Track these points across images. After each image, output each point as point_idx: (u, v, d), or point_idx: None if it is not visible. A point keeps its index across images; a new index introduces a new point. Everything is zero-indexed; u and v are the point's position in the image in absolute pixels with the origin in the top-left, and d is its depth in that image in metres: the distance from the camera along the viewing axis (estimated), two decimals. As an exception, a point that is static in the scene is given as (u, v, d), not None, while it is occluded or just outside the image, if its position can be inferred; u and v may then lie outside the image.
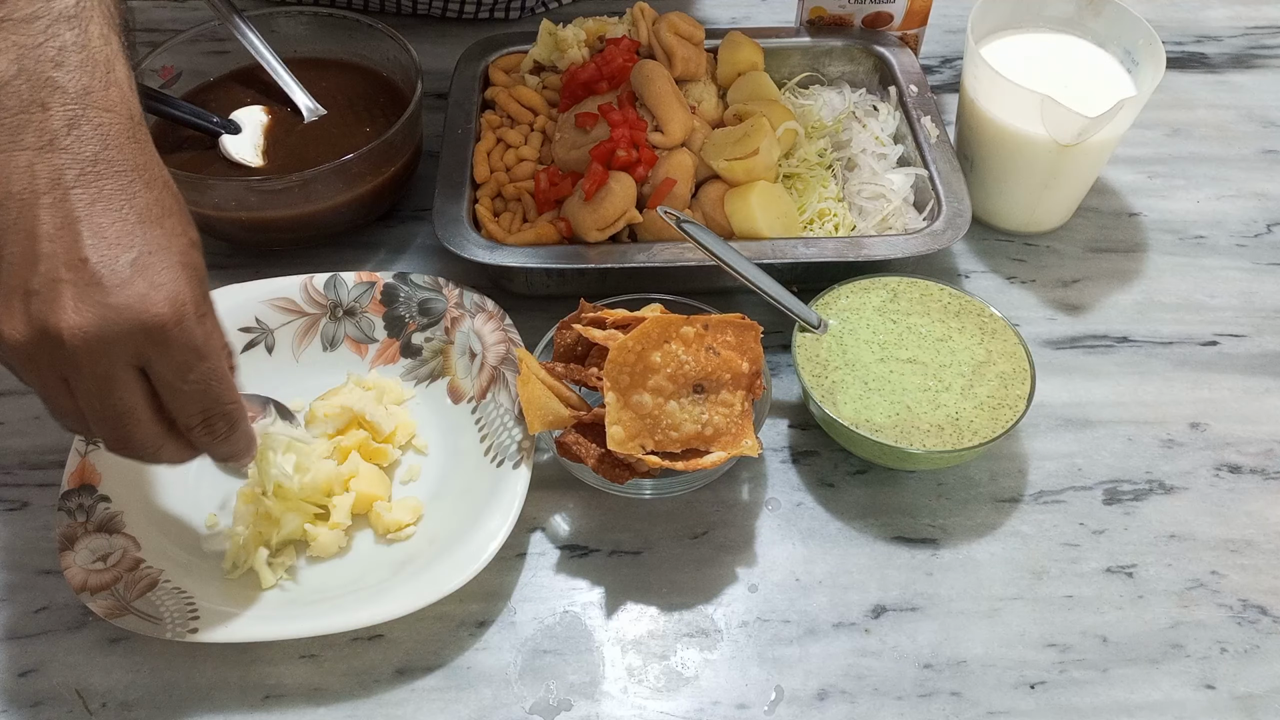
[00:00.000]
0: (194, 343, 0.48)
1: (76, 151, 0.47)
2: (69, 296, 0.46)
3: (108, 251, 0.46)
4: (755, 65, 0.85)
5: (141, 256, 0.47)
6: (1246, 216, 0.87)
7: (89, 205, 0.47)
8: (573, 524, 0.67)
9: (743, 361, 0.61)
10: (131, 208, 0.48)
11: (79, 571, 0.59)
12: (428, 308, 0.73)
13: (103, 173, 0.47)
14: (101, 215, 0.47)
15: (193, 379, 0.49)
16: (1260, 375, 0.75)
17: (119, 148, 0.48)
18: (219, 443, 0.52)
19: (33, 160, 0.46)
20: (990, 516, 0.68)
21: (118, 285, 0.46)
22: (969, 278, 0.82)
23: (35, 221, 0.46)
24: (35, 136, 0.47)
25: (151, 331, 0.47)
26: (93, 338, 0.46)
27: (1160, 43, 0.76)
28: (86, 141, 0.47)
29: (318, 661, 0.61)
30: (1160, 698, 0.60)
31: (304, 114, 0.83)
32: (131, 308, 0.46)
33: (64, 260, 0.46)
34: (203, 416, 0.50)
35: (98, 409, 0.48)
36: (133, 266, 0.46)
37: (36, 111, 0.47)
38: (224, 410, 0.51)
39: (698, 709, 0.59)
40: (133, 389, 0.48)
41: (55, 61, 0.48)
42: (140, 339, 0.47)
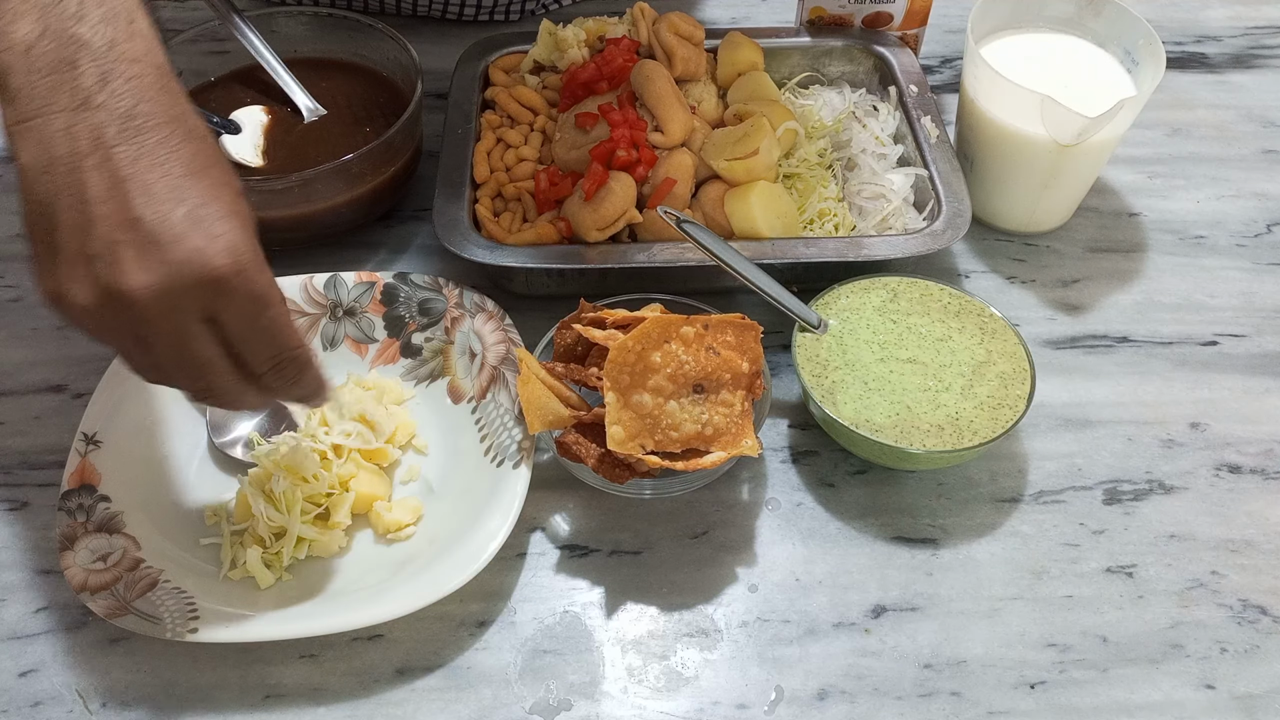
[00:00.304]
0: (256, 290, 0.48)
1: (112, 108, 0.46)
2: (130, 257, 0.45)
3: (160, 208, 0.46)
4: (755, 65, 0.85)
5: (193, 210, 0.46)
6: (1246, 216, 0.87)
7: (133, 163, 0.46)
8: (573, 524, 0.67)
9: (743, 361, 0.61)
10: (176, 160, 0.47)
11: (79, 571, 0.59)
12: (428, 308, 0.73)
13: (142, 127, 0.47)
14: (147, 172, 0.46)
15: (260, 326, 0.49)
16: (1260, 375, 0.76)
17: (153, 100, 0.47)
18: (290, 385, 0.52)
19: (70, 121, 0.46)
20: (990, 516, 0.68)
21: (175, 241, 0.46)
22: (969, 278, 0.82)
23: (83, 185, 0.45)
24: (69, 97, 0.46)
25: (215, 284, 0.46)
26: (160, 295, 0.46)
27: (1160, 43, 0.76)
28: (121, 96, 0.46)
29: (318, 661, 0.61)
30: (1160, 698, 0.60)
31: (304, 114, 0.83)
32: (192, 262, 0.46)
33: (118, 221, 0.45)
34: (273, 362, 0.50)
35: (176, 362, 0.49)
36: (186, 220, 0.46)
37: (66, 70, 0.46)
38: (293, 354, 0.51)
39: (698, 709, 0.59)
40: (206, 341, 0.48)
41: (77, 16, 0.47)
42: (205, 292, 0.47)
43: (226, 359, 0.49)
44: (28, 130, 0.46)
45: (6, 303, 0.79)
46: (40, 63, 0.46)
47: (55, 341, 0.76)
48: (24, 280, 0.80)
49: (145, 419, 0.67)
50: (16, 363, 0.75)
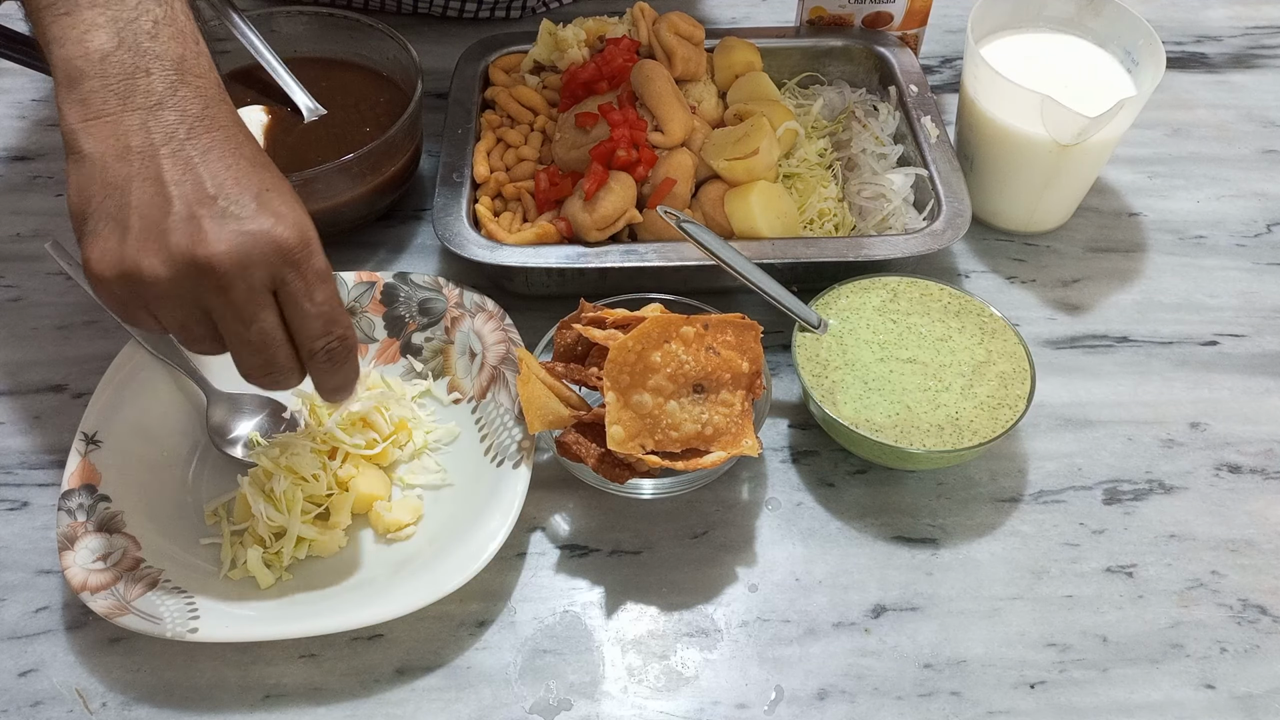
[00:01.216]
0: (319, 266, 0.52)
1: (183, 110, 0.51)
2: (208, 227, 0.49)
3: (232, 189, 0.51)
4: (752, 66, 0.85)
5: (262, 193, 0.51)
6: (1246, 216, 0.87)
7: (204, 155, 0.51)
8: (573, 524, 0.67)
9: (743, 361, 0.61)
10: (241, 155, 0.52)
11: (79, 571, 0.59)
12: (428, 307, 0.73)
13: (210, 127, 0.52)
14: (217, 161, 0.51)
15: (319, 300, 0.53)
16: (1260, 375, 0.76)
17: (218, 106, 0.53)
18: (335, 370, 0.55)
19: (145, 119, 0.50)
20: (990, 516, 0.68)
21: (249, 216, 0.50)
22: (969, 278, 0.82)
23: (160, 169, 0.50)
24: (144, 98, 0.51)
25: (286, 253, 0.51)
26: (239, 258, 0.49)
27: (1160, 43, 0.76)
28: (190, 101, 0.52)
29: (318, 661, 0.61)
30: (1160, 698, 0.60)
31: (304, 114, 0.83)
32: (266, 233, 0.50)
33: (194, 199, 0.50)
34: (325, 339, 0.54)
35: (242, 333, 0.52)
36: (257, 201, 0.51)
37: (141, 77, 0.51)
38: (344, 333, 0.54)
39: (698, 709, 0.59)
40: (272, 311, 0.52)
41: (151, 34, 0.52)
42: (277, 261, 0.51)
43: (285, 332, 0.53)
44: (99, 125, 0.50)
45: (6, 303, 0.79)
46: (115, 70, 0.51)
47: (55, 341, 0.76)
48: (24, 280, 0.80)
49: (145, 419, 0.67)
50: (16, 363, 0.75)
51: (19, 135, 0.92)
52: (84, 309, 0.77)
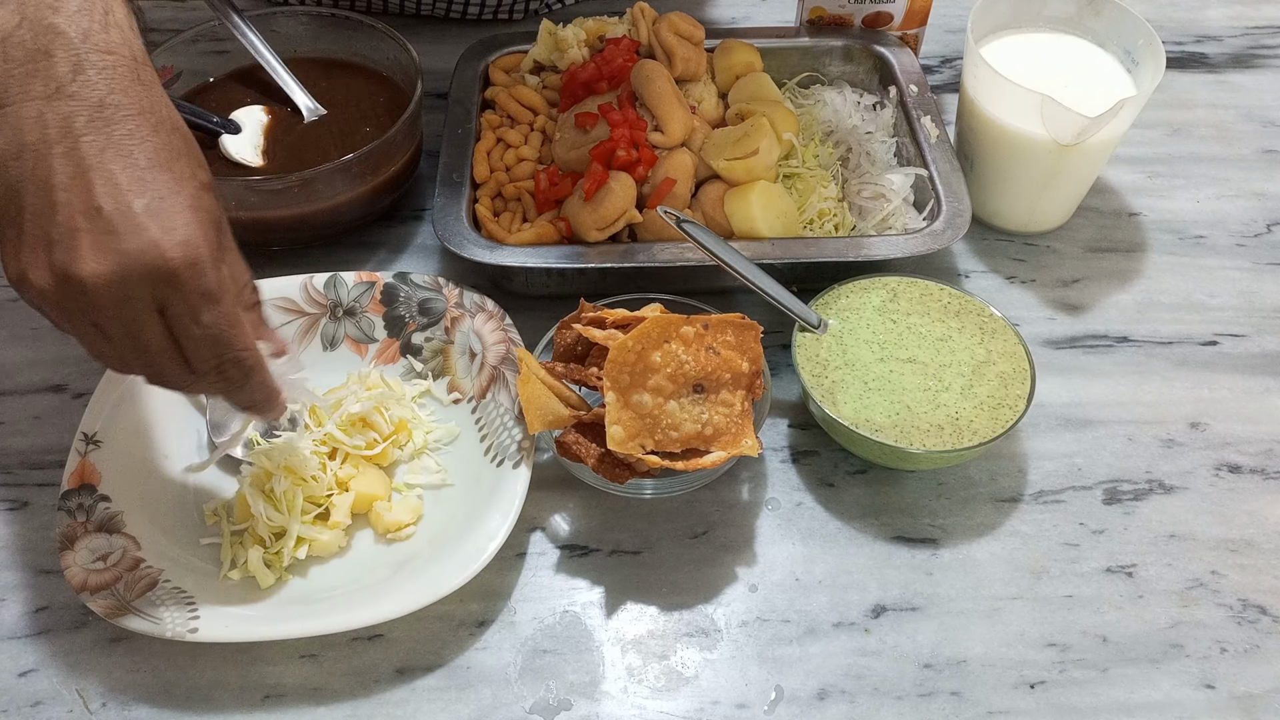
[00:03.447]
0: (206, 287, 0.49)
1: (84, 97, 0.47)
2: (86, 245, 0.46)
3: (120, 199, 0.47)
4: (753, 66, 0.85)
5: (153, 202, 0.48)
6: (1246, 216, 0.87)
7: (99, 153, 0.47)
8: (573, 524, 0.67)
9: (743, 361, 0.61)
10: (141, 152, 0.48)
11: (79, 571, 0.59)
12: (428, 307, 0.73)
13: (110, 117, 0.48)
14: (112, 162, 0.47)
15: (205, 321, 0.49)
16: (1260, 375, 0.76)
17: (124, 90, 0.48)
18: (235, 390, 0.53)
19: (42, 109, 0.47)
20: (990, 516, 0.68)
21: (131, 232, 0.47)
22: (969, 278, 0.82)
23: (50, 171, 0.47)
24: (43, 85, 0.47)
25: (164, 275, 0.47)
26: (112, 283, 0.47)
27: (1160, 43, 0.76)
28: (92, 86, 0.48)
29: (318, 661, 0.61)
30: (1160, 698, 0.60)
31: (304, 114, 0.83)
32: (145, 253, 0.47)
33: (80, 209, 0.47)
34: (215, 362, 0.51)
35: (130, 348, 0.50)
36: (145, 212, 0.47)
37: (42, 60, 0.47)
38: (236, 356, 0.51)
39: (698, 709, 0.59)
40: (156, 330, 0.49)
41: (53, 7, 0.48)
42: (155, 282, 0.48)
43: (175, 349, 0.50)
44: (3, 116, 0.47)
45: (6, 302, 0.79)
46: (16, 52, 0.47)
47: (55, 341, 0.76)
48: (24, 280, 0.80)
49: (145, 419, 0.67)
50: (16, 363, 0.75)
51: (19, 135, 0.92)
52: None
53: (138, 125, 0.48)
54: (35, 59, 0.47)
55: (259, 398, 0.54)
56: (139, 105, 0.49)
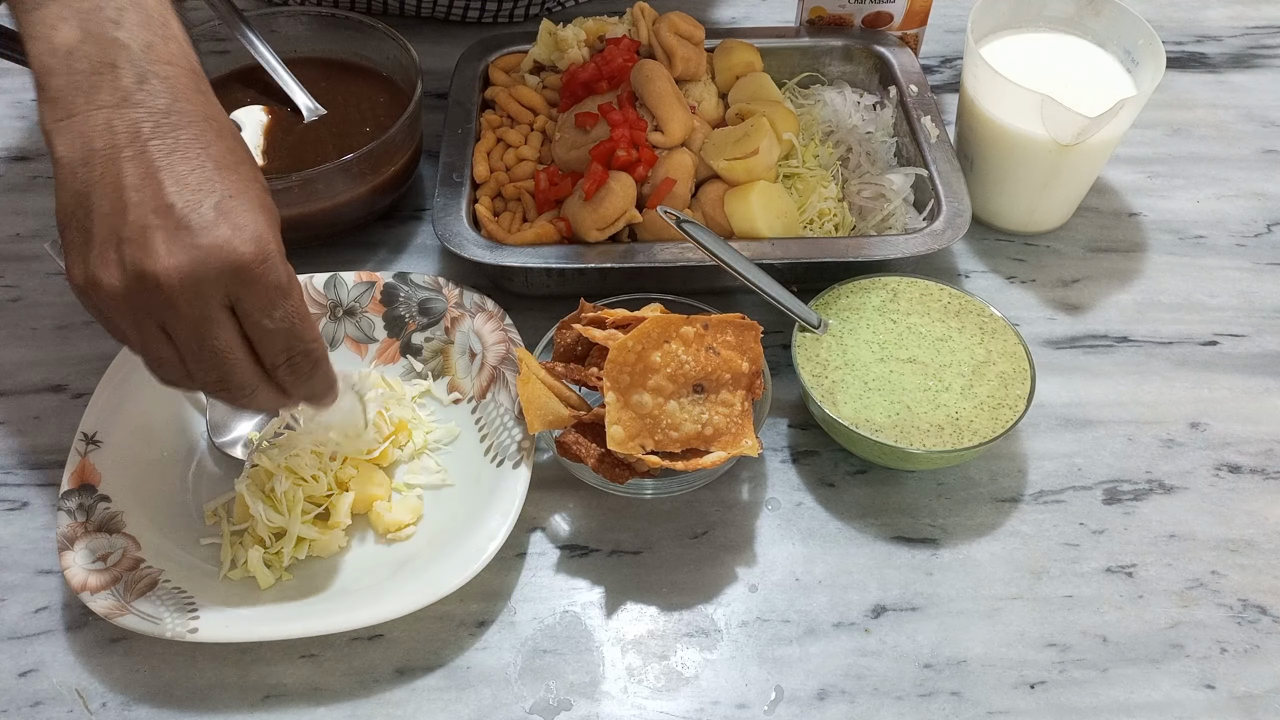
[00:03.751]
0: (278, 281, 0.50)
1: (150, 105, 0.49)
2: (160, 240, 0.47)
3: (191, 197, 0.48)
4: (753, 66, 0.85)
5: (223, 201, 0.49)
6: (1246, 216, 0.87)
7: (167, 155, 0.48)
8: (573, 524, 0.67)
9: (743, 361, 0.61)
10: (208, 155, 0.49)
11: (79, 571, 0.59)
12: (427, 307, 0.73)
13: (176, 123, 0.49)
14: (180, 164, 0.48)
15: (278, 316, 0.50)
16: (1260, 375, 0.76)
17: (188, 99, 0.50)
18: (302, 381, 0.54)
19: (110, 117, 0.48)
20: (990, 516, 0.68)
21: (204, 228, 0.48)
22: (969, 278, 0.82)
23: (119, 174, 0.48)
24: (109, 94, 0.48)
25: (239, 270, 0.48)
26: (187, 277, 0.47)
27: (1160, 43, 0.76)
28: (158, 95, 0.49)
29: (318, 661, 0.61)
30: (1160, 698, 0.60)
31: (304, 114, 0.83)
32: (220, 248, 0.48)
33: (151, 207, 0.47)
34: (287, 354, 0.52)
35: (196, 351, 0.50)
36: (216, 210, 0.48)
37: (107, 71, 0.48)
38: (307, 348, 0.53)
39: (698, 709, 0.59)
40: (227, 328, 0.50)
41: (115, 21, 0.49)
42: (229, 278, 0.48)
43: (244, 349, 0.51)
44: (69, 126, 0.48)
45: (6, 303, 0.79)
46: (81, 65, 0.49)
47: (55, 341, 0.76)
48: (24, 280, 0.80)
49: (145, 419, 0.67)
50: (16, 363, 0.75)
51: (19, 135, 0.92)
52: (84, 309, 0.77)
53: (202, 130, 0.50)
54: (100, 71, 0.49)
55: (320, 388, 0.55)
56: (202, 113, 0.50)
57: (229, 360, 0.50)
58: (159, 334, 0.50)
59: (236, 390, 0.52)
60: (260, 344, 0.51)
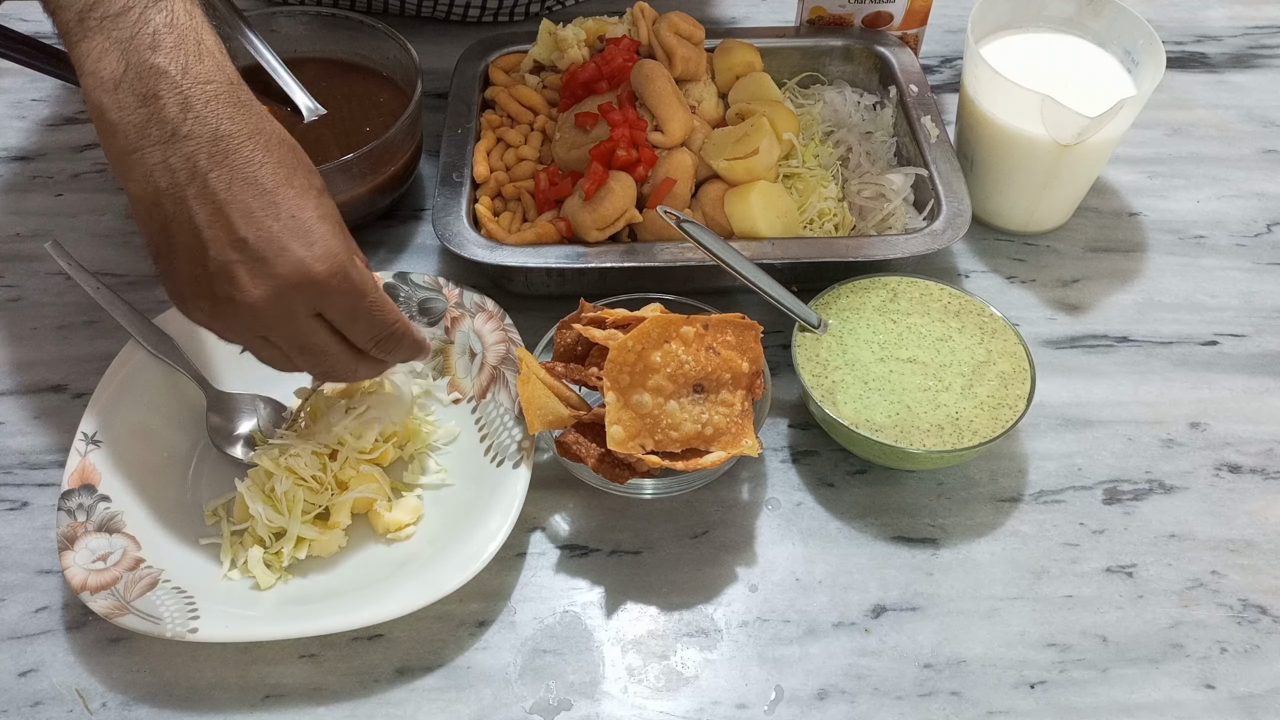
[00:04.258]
0: (352, 287, 0.54)
1: (198, 135, 0.51)
2: (243, 274, 0.51)
3: (260, 227, 0.51)
4: (752, 66, 0.85)
5: (289, 223, 0.52)
6: (1246, 216, 0.87)
7: (228, 188, 0.51)
8: (573, 524, 0.67)
9: (743, 361, 0.61)
10: (262, 175, 0.52)
11: (79, 571, 0.59)
12: (428, 307, 0.73)
13: (227, 149, 0.51)
14: (242, 193, 0.51)
15: (359, 313, 0.56)
16: (1260, 375, 0.76)
17: (230, 118, 0.52)
18: (393, 353, 0.60)
19: (165, 154, 0.50)
20: (990, 516, 0.68)
21: (278, 255, 0.51)
22: (969, 277, 0.82)
23: (190, 213, 0.51)
24: (158, 129, 0.50)
25: (317, 287, 0.53)
26: (273, 303, 0.52)
27: (1160, 43, 0.76)
28: (203, 122, 0.51)
29: (318, 661, 0.61)
30: (1160, 698, 0.60)
31: (304, 114, 0.83)
32: (296, 271, 0.52)
33: (227, 242, 0.51)
34: (375, 339, 0.58)
35: (297, 351, 0.56)
36: (285, 233, 0.52)
37: (152, 103, 0.50)
38: (390, 331, 0.58)
39: (698, 709, 0.59)
40: (318, 331, 0.55)
41: (152, 46, 0.51)
42: (310, 294, 0.53)
43: (338, 342, 0.57)
44: (132, 164, 0.51)
45: (6, 302, 0.79)
46: (128, 99, 0.50)
47: (55, 341, 0.76)
48: (24, 280, 0.80)
49: (145, 419, 0.67)
50: (16, 363, 0.75)
51: (19, 135, 0.92)
52: (84, 309, 0.77)
53: (253, 150, 0.52)
54: (146, 103, 0.50)
55: (411, 353, 0.61)
56: (247, 129, 0.52)
57: (328, 354, 0.56)
58: (262, 342, 0.56)
59: (340, 374, 0.59)
60: (351, 336, 0.57)
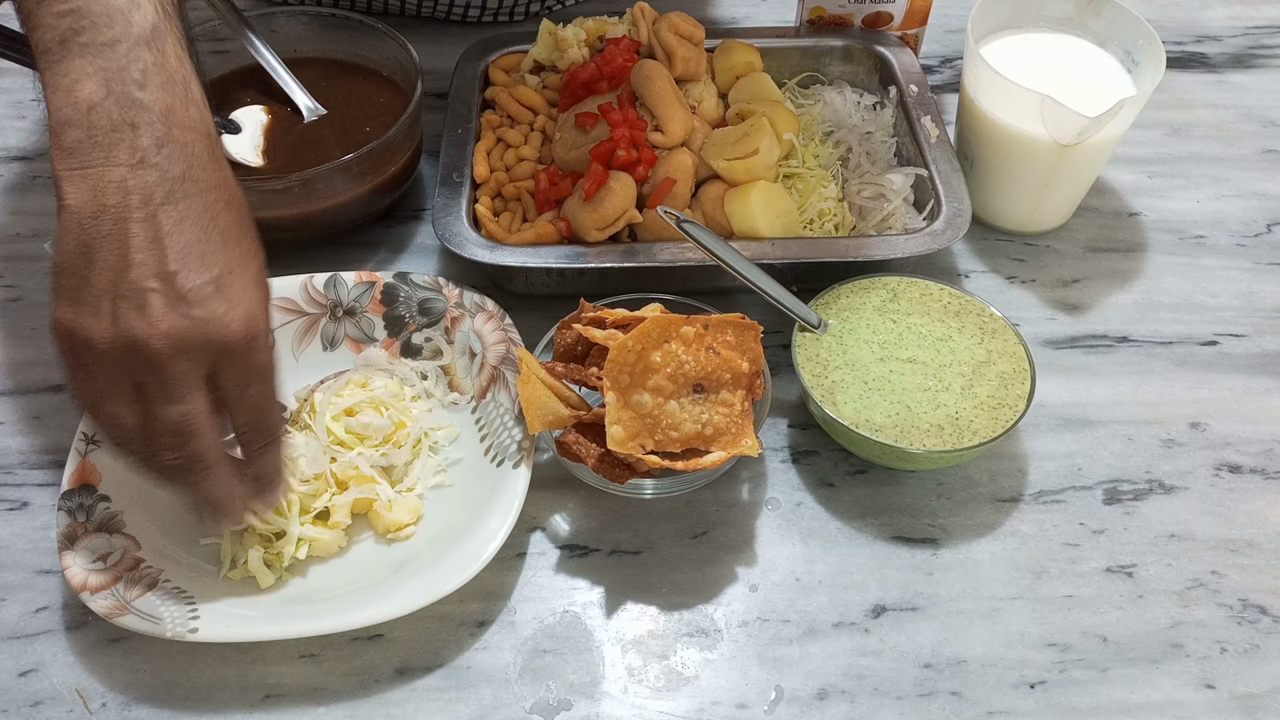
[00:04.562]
0: (258, 363, 0.52)
1: (165, 170, 0.50)
2: (156, 304, 0.49)
3: (193, 269, 0.49)
4: (753, 66, 0.85)
5: (223, 276, 0.50)
6: (1246, 216, 0.87)
7: (177, 224, 0.49)
8: (573, 524, 0.67)
9: (743, 361, 0.61)
10: (215, 227, 0.51)
11: (79, 571, 0.59)
12: (428, 307, 0.73)
13: (189, 191, 0.50)
14: (187, 233, 0.50)
15: (253, 393, 0.53)
16: (1260, 375, 0.76)
17: (203, 167, 0.51)
18: (259, 454, 0.56)
19: (125, 177, 0.49)
20: (990, 516, 0.68)
21: (201, 300, 0.49)
22: (969, 277, 0.82)
23: (127, 235, 0.49)
24: (127, 154, 0.49)
25: (227, 346, 0.50)
26: (176, 342, 0.49)
27: (1160, 43, 0.76)
28: (174, 161, 0.50)
29: (318, 661, 0.61)
30: (1160, 698, 0.60)
31: (304, 114, 0.83)
32: (211, 322, 0.49)
33: (153, 271, 0.49)
34: (253, 427, 0.54)
35: (164, 414, 0.50)
36: (215, 285, 0.50)
37: (127, 131, 0.49)
38: (271, 425, 0.55)
39: (698, 709, 0.59)
40: (201, 396, 0.51)
41: (139, 83, 0.50)
42: (217, 351, 0.50)
43: (211, 420, 0.52)
44: (83, 176, 0.49)
45: (6, 302, 0.79)
46: (102, 121, 0.49)
47: (55, 341, 0.76)
48: (24, 280, 0.80)
49: (145, 419, 0.67)
50: (16, 363, 0.75)
51: (19, 135, 0.92)
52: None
53: (213, 200, 0.51)
54: (120, 130, 0.49)
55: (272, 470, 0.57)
56: (214, 181, 0.52)
57: (195, 428, 0.51)
58: (128, 394, 0.50)
59: (191, 459, 0.52)
60: (234, 410, 0.53)
